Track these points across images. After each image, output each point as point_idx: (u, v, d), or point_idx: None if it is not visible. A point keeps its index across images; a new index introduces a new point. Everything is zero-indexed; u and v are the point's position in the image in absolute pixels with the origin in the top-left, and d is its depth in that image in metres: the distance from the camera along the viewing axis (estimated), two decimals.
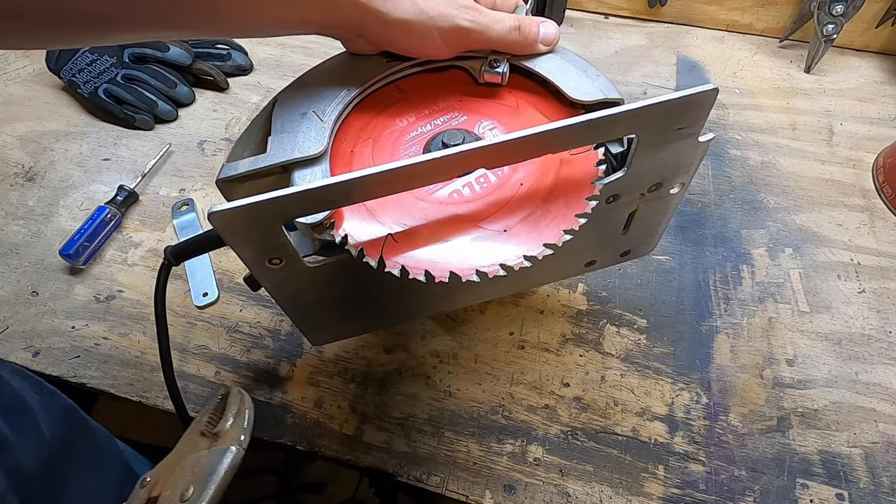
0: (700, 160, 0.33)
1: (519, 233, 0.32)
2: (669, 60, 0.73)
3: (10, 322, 0.51)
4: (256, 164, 0.32)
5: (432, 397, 0.46)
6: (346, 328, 0.40)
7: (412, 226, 0.32)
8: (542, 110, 0.37)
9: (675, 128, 0.29)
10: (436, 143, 0.35)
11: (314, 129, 0.34)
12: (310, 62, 0.71)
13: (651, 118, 0.27)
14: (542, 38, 0.37)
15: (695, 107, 0.28)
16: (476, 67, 0.38)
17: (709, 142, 0.31)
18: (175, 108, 0.67)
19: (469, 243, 0.32)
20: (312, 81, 0.37)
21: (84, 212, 0.58)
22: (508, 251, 0.31)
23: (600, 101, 0.35)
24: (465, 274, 0.30)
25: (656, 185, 0.33)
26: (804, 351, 0.49)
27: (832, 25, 0.67)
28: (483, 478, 0.43)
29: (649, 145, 0.29)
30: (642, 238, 0.40)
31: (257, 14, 0.32)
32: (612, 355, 0.48)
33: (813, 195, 0.59)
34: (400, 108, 0.38)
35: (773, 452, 0.44)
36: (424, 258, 0.31)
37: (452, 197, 0.33)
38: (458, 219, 0.33)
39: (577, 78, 0.36)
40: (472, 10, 0.34)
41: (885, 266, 0.54)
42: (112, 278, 0.54)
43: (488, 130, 0.36)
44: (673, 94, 0.26)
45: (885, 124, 0.65)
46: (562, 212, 0.32)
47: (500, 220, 0.32)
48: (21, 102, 0.68)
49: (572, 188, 0.33)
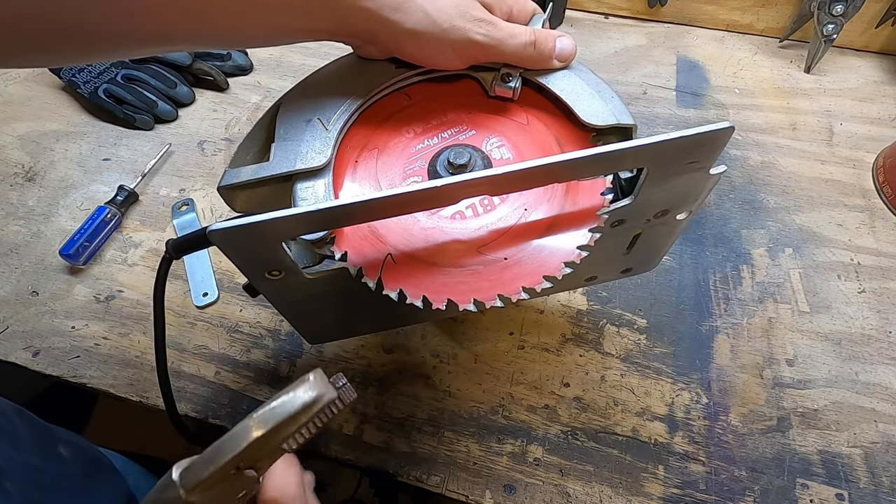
0: (710, 190, 0.32)
1: (520, 262, 0.31)
2: (669, 60, 0.73)
3: (10, 322, 0.51)
4: (259, 173, 0.31)
5: (432, 397, 0.46)
6: (345, 330, 0.40)
7: (412, 248, 0.32)
8: (552, 129, 0.36)
9: (687, 162, 0.28)
10: (441, 160, 0.34)
11: (318, 138, 0.33)
12: (310, 62, 0.71)
13: (663, 153, 0.26)
14: (558, 54, 0.35)
15: (708, 144, 0.27)
16: (487, 79, 0.36)
17: (720, 174, 0.30)
18: (175, 108, 0.67)
19: (469, 270, 0.31)
20: (318, 85, 0.36)
21: (84, 212, 0.58)
22: (508, 282, 0.31)
23: (613, 126, 0.34)
24: (463, 303, 0.30)
25: (663, 211, 0.33)
26: (804, 351, 0.49)
27: (832, 25, 0.66)
28: (483, 478, 0.43)
29: (659, 177, 0.29)
30: (645, 258, 0.39)
31: (264, 26, 0.31)
32: (612, 355, 0.48)
33: (813, 195, 0.59)
34: (407, 116, 0.37)
35: (773, 452, 0.44)
36: (423, 282, 0.31)
37: (455, 217, 0.33)
38: (459, 244, 0.32)
39: (590, 99, 0.35)
40: (486, 23, 0.33)
41: (885, 266, 0.54)
42: (112, 278, 0.54)
43: (496, 148, 0.35)
44: (687, 132, 0.25)
45: (885, 124, 0.65)
46: (564, 242, 0.32)
47: (502, 247, 0.32)
48: (21, 102, 0.68)
49: (577, 218, 0.32)
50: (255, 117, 0.66)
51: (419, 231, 0.32)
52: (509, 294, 0.30)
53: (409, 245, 0.32)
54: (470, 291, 0.30)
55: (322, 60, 0.37)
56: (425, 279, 0.31)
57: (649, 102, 0.68)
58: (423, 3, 0.32)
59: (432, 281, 0.31)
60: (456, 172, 0.32)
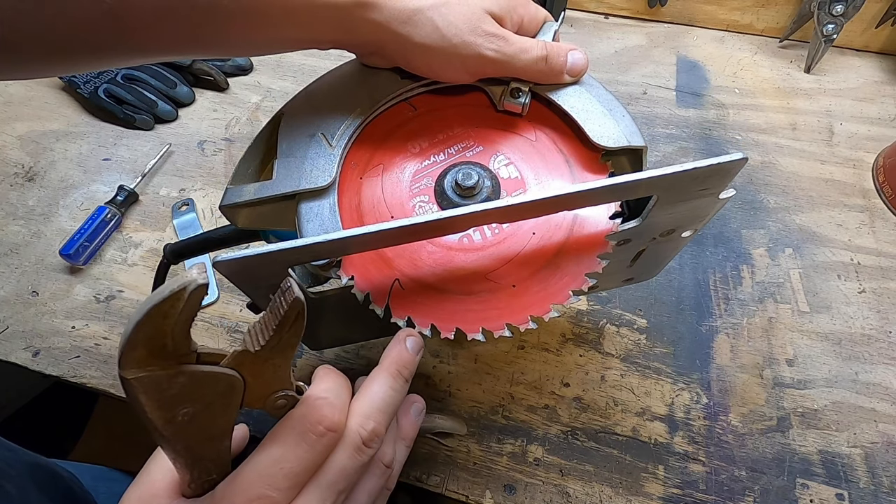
0: (717, 211, 0.31)
1: (528, 290, 0.31)
2: (669, 60, 0.73)
3: (10, 322, 0.51)
4: (262, 193, 0.31)
5: (432, 397, 0.46)
6: (347, 338, 0.40)
7: (420, 273, 0.31)
8: (561, 146, 0.35)
9: (698, 189, 0.28)
10: (449, 181, 0.33)
11: (322, 155, 0.32)
12: (310, 62, 0.71)
13: (675, 183, 0.26)
14: (570, 69, 0.34)
15: (721, 174, 0.26)
16: (496, 93, 0.35)
17: (729, 198, 0.29)
18: (175, 108, 0.67)
19: (477, 297, 0.31)
20: (321, 95, 0.35)
21: (84, 212, 0.58)
22: (517, 310, 0.30)
23: (623, 147, 0.33)
24: (471, 332, 0.30)
25: (669, 231, 0.32)
26: (804, 351, 0.49)
27: (832, 25, 0.66)
28: (483, 478, 0.43)
29: (669, 202, 0.28)
30: (648, 269, 0.39)
31: (270, 37, 0.31)
32: (612, 355, 0.48)
33: (813, 195, 0.59)
34: (412, 129, 0.36)
35: (773, 452, 0.44)
36: (431, 310, 0.30)
37: (462, 242, 0.32)
38: (467, 270, 0.32)
39: (601, 118, 0.34)
40: (497, 38, 0.32)
41: (885, 266, 0.54)
42: (112, 278, 0.54)
43: (504, 166, 0.34)
44: (700, 163, 0.25)
45: (885, 124, 0.65)
46: (572, 269, 0.31)
47: (510, 273, 0.31)
48: (21, 102, 0.68)
49: (584, 244, 0.32)
50: (256, 117, 0.66)
51: (426, 256, 0.32)
52: (517, 324, 0.30)
53: (416, 271, 0.31)
54: (478, 320, 0.30)
55: (323, 60, 0.37)
56: (434, 307, 0.30)
57: (649, 102, 0.68)
58: (433, 16, 0.31)
59: (441, 309, 0.30)
60: (464, 194, 0.32)
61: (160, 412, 0.21)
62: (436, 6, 0.31)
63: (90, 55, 0.29)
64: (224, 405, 0.22)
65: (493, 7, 0.33)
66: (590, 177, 0.34)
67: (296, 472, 0.24)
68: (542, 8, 0.36)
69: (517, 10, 0.34)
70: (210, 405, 0.22)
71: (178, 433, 0.22)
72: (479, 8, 0.32)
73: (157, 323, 0.18)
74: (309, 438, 0.24)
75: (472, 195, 0.32)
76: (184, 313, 0.18)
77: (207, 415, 0.22)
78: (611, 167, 0.35)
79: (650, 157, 0.48)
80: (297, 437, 0.24)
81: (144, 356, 0.19)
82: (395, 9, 0.30)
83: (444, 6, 0.31)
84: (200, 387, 0.21)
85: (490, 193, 0.32)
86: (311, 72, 0.69)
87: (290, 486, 0.24)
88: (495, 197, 0.33)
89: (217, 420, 0.23)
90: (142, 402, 0.20)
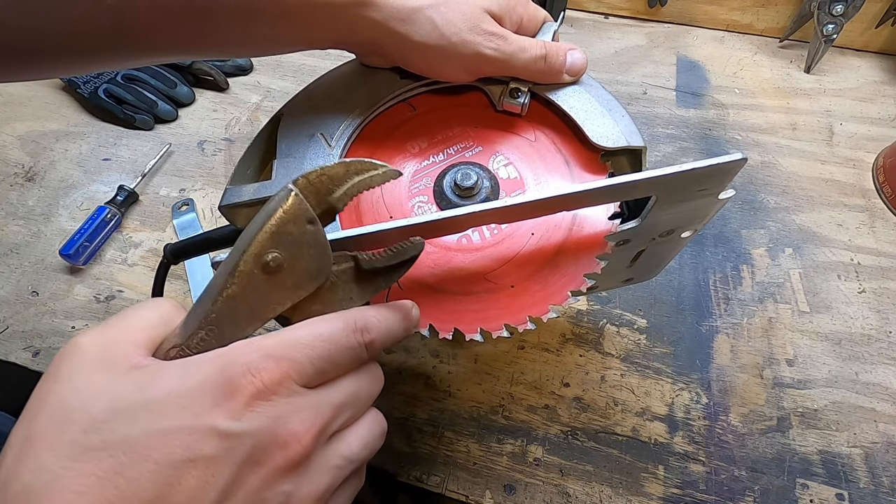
0: (717, 212, 0.32)
1: (526, 290, 0.31)
2: (669, 60, 0.73)
3: (10, 322, 0.51)
4: (261, 193, 0.31)
5: (432, 397, 0.46)
6: None
7: (419, 273, 0.31)
8: (560, 146, 0.35)
9: (697, 190, 0.28)
10: (448, 181, 0.33)
11: (322, 155, 0.32)
12: (310, 62, 0.71)
13: (674, 183, 0.26)
14: (569, 68, 0.34)
15: (720, 174, 0.27)
16: (495, 92, 0.35)
17: (729, 198, 0.29)
18: (175, 108, 0.67)
19: (475, 297, 0.31)
20: (320, 95, 0.35)
21: (84, 212, 0.58)
22: (515, 310, 0.30)
23: (622, 148, 0.33)
24: (469, 332, 0.30)
25: (669, 231, 0.32)
26: (804, 351, 0.49)
27: (832, 25, 0.66)
28: (483, 478, 0.43)
29: (668, 202, 0.29)
30: (648, 269, 0.39)
31: (269, 36, 0.31)
32: (612, 355, 0.48)
33: (813, 195, 0.59)
34: (411, 129, 0.36)
35: (773, 452, 0.44)
36: (430, 310, 0.30)
37: (461, 242, 0.32)
38: (466, 270, 0.32)
39: (600, 118, 0.34)
40: (496, 37, 0.32)
41: (885, 266, 0.54)
42: (112, 278, 0.54)
43: (503, 166, 0.35)
44: (699, 164, 0.25)
45: (885, 124, 0.65)
46: (571, 270, 0.31)
47: (509, 274, 0.31)
48: (21, 102, 0.68)
49: (583, 244, 0.32)
50: (255, 117, 0.66)
51: (425, 256, 0.32)
52: (515, 324, 0.30)
53: (415, 271, 0.31)
54: (477, 320, 0.30)
55: (323, 61, 0.37)
56: (432, 306, 0.31)
57: (649, 102, 0.68)
58: (432, 14, 0.31)
59: (439, 309, 0.31)
60: (463, 195, 0.32)
61: (268, 239, 0.21)
62: (435, 5, 0.31)
63: (90, 56, 0.30)
64: (299, 282, 0.23)
65: (493, 6, 0.33)
66: (589, 177, 0.34)
67: (331, 357, 0.22)
68: (541, 8, 0.37)
69: (516, 10, 0.34)
70: (293, 271, 0.22)
71: (244, 278, 0.21)
72: (479, 7, 0.32)
73: (347, 171, 0.21)
74: (354, 338, 0.23)
75: (471, 195, 0.32)
76: (368, 180, 0.21)
77: (279, 280, 0.22)
78: (610, 167, 0.35)
79: (650, 158, 0.48)
80: (346, 331, 0.23)
81: (309, 188, 0.21)
82: (394, 7, 0.30)
83: (443, 5, 0.31)
84: (310, 248, 0.22)
85: (489, 194, 0.32)
86: (311, 72, 0.69)
87: (315, 371, 0.21)
88: (494, 197, 0.33)
89: (279, 293, 0.22)
90: (272, 209, 0.21)
